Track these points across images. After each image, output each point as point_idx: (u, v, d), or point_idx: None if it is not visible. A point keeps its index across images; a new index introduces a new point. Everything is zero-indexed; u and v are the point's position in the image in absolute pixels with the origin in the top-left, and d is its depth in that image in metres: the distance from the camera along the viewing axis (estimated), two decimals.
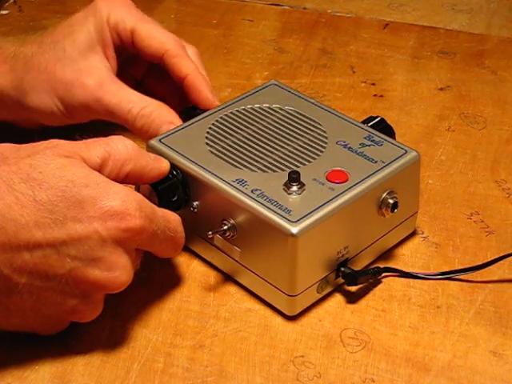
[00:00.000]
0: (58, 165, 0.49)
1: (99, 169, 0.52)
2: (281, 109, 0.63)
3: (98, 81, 0.64)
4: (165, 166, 0.57)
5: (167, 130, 0.61)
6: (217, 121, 0.62)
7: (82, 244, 0.49)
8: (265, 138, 0.60)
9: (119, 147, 0.53)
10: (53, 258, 0.48)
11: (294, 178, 0.55)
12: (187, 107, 0.66)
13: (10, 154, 0.50)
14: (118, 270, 0.50)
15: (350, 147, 0.59)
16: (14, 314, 0.50)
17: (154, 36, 0.65)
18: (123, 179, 0.54)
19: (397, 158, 0.58)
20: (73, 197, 0.49)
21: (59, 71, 0.65)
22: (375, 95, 0.79)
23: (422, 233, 0.63)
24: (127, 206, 0.50)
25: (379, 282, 0.59)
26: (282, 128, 0.61)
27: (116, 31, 0.65)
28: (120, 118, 0.64)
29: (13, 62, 0.66)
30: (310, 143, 0.60)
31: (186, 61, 0.65)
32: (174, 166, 0.58)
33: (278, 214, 0.53)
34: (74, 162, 0.50)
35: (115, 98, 0.64)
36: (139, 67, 0.70)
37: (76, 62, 0.64)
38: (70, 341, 0.54)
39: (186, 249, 0.60)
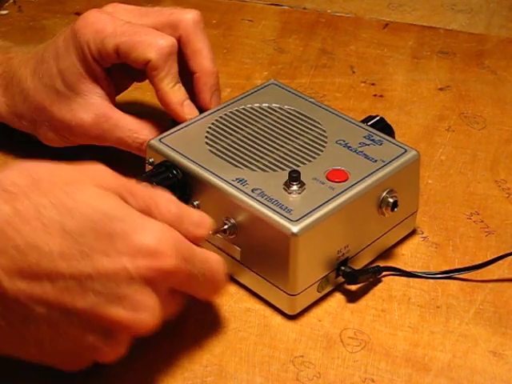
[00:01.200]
0: (94, 195, 0.46)
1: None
2: (280, 108, 0.63)
3: (95, 116, 0.64)
4: (207, 231, 0.52)
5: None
6: (217, 120, 0.62)
7: (107, 280, 0.45)
8: (265, 137, 0.60)
9: (162, 206, 0.49)
10: (75, 290, 0.45)
11: (294, 177, 0.55)
12: None
13: (45, 175, 0.47)
14: (144, 312, 0.46)
15: (349, 146, 0.59)
16: (31, 344, 0.47)
17: (136, 49, 0.62)
18: None
19: (396, 157, 0.58)
20: (104, 229, 0.45)
21: (56, 112, 0.65)
22: (375, 95, 0.79)
23: (422, 233, 0.63)
24: (161, 243, 0.46)
25: (379, 281, 0.59)
26: (282, 127, 0.61)
27: (102, 54, 0.63)
28: (122, 148, 0.65)
29: (6, 82, 0.67)
30: (310, 142, 0.60)
31: (166, 75, 0.63)
32: (174, 166, 0.58)
33: (279, 213, 0.53)
34: (112, 195, 0.47)
35: (115, 131, 0.64)
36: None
37: (70, 100, 0.64)
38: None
39: None
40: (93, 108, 0.64)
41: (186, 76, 0.65)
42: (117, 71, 0.66)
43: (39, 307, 0.44)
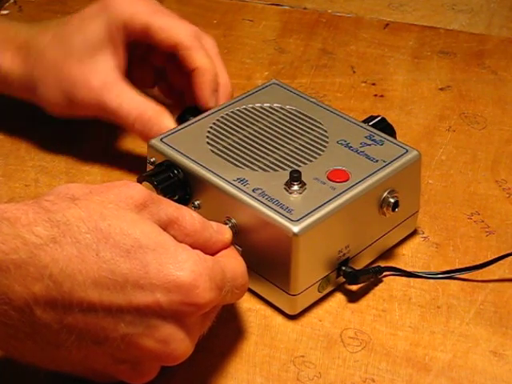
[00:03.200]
0: (127, 220, 0.45)
1: (164, 228, 0.48)
2: (282, 108, 0.63)
3: (103, 82, 0.64)
4: (228, 236, 0.52)
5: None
6: (218, 120, 0.62)
7: (139, 312, 0.44)
8: (266, 137, 0.60)
9: (187, 217, 0.49)
10: (106, 321, 0.44)
11: (295, 177, 0.55)
12: (190, 107, 0.66)
13: (81, 195, 0.46)
14: (175, 344, 0.45)
15: (350, 146, 0.59)
16: (63, 363, 0.47)
17: (167, 29, 0.64)
18: None
19: (398, 157, 0.58)
20: (137, 259, 0.44)
21: (66, 69, 0.65)
22: (375, 95, 0.79)
23: (423, 233, 0.63)
24: (196, 277, 0.45)
25: (380, 281, 0.59)
26: (283, 127, 0.61)
27: (128, 28, 0.64)
28: (119, 121, 0.65)
29: (24, 53, 0.67)
30: (311, 142, 0.60)
31: (197, 54, 0.64)
32: (175, 165, 0.58)
33: (279, 213, 0.53)
34: (144, 219, 0.46)
35: (116, 100, 0.64)
36: (159, 57, 0.69)
37: (83, 61, 0.65)
38: None
39: None
40: (102, 73, 0.64)
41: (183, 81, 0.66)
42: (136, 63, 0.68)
43: (70, 335, 0.44)
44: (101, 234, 0.44)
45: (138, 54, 0.68)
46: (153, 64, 0.70)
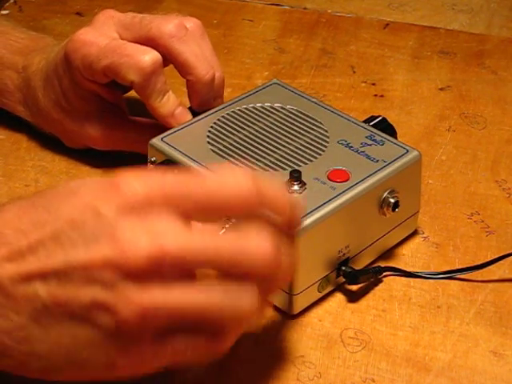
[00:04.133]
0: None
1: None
2: (282, 108, 0.63)
3: (102, 131, 0.66)
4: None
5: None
6: (218, 120, 0.62)
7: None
8: (266, 136, 0.60)
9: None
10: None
11: (295, 176, 0.55)
12: (190, 107, 0.66)
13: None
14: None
15: (351, 146, 0.59)
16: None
17: (119, 71, 0.62)
18: None
19: (398, 158, 0.58)
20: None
21: (67, 126, 0.67)
22: (375, 95, 0.79)
23: (423, 233, 0.63)
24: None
25: (380, 281, 0.59)
26: (284, 127, 0.61)
27: (93, 77, 0.64)
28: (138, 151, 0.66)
29: (23, 93, 0.70)
30: (312, 142, 0.60)
31: (152, 92, 0.63)
32: (175, 165, 0.58)
33: None
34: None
35: (125, 142, 0.67)
36: None
37: (77, 117, 0.67)
38: None
39: None
40: (99, 124, 0.67)
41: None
42: None
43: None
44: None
45: None
46: None
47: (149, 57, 0.62)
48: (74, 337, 0.42)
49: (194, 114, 0.64)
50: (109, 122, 0.67)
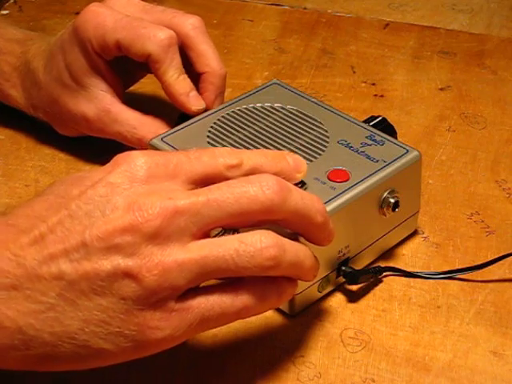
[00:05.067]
0: None
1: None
2: (282, 108, 0.63)
3: (96, 110, 0.66)
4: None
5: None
6: (219, 120, 0.62)
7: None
8: (266, 137, 0.60)
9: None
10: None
11: None
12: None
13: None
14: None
15: (351, 146, 0.59)
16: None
17: (136, 43, 0.63)
18: None
19: (398, 158, 0.58)
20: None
21: (63, 103, 0.67)
22: (375, 95, 0.79)
23: (423, 233, 0.63)
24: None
25: (380, 281, 0.59)
26: (284, 127, 0.61)
27: (102, 50, 0.64)
28: (125, 142, 0.66)
29: (22, 75, 0.70)
30: (312, 142, 0.60)
31: (168, 68, 0.63)
32: None
33: None
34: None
35: (114, 127, 0.66)
36: None
37: (76, 94, 0.66)
38: None
39: None
40: (95, 102, 0.66)
41: (193, 78, 0.65)
42: (126, 63, 0.67)
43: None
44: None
45: (131, 61, 0.68)
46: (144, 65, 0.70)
47: (166, 31, 0.63)
48: (103, 310, 0.43)
49: (188, 118, 0.63)
50: (104, 103, 0.66)
